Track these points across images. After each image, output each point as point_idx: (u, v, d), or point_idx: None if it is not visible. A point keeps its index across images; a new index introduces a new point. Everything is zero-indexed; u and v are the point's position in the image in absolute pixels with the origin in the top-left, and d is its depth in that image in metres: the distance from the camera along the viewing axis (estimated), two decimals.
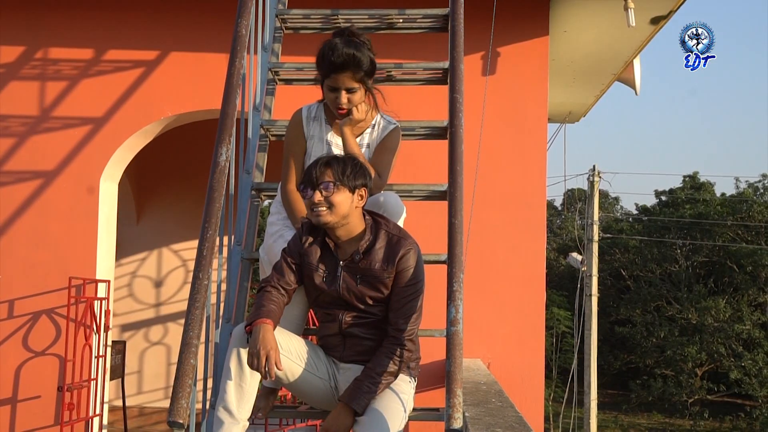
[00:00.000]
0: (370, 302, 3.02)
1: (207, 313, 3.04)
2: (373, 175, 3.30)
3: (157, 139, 6.54)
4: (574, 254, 20.31)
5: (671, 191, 34.85)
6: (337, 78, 3.38)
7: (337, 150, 3.51)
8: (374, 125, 3.59)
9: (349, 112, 3.45)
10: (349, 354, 3.08)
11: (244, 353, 2.86)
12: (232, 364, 2.88)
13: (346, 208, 2.99)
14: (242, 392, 2.89)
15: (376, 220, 3.08)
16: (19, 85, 6.11)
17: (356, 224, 3.03)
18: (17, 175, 6.05)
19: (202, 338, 2.98)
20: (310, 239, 3.08)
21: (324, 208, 2.96)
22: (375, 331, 3.05)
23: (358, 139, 3.55)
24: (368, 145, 3.56)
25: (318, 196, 2.96)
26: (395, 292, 2.99)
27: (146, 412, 8.81)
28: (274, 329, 2.87)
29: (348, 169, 3.00)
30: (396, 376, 2.98)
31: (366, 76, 3.42)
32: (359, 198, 3.03)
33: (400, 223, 3.44)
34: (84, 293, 5.85)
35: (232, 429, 2.87)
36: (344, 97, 3.41)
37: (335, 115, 3.50)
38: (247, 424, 2.94)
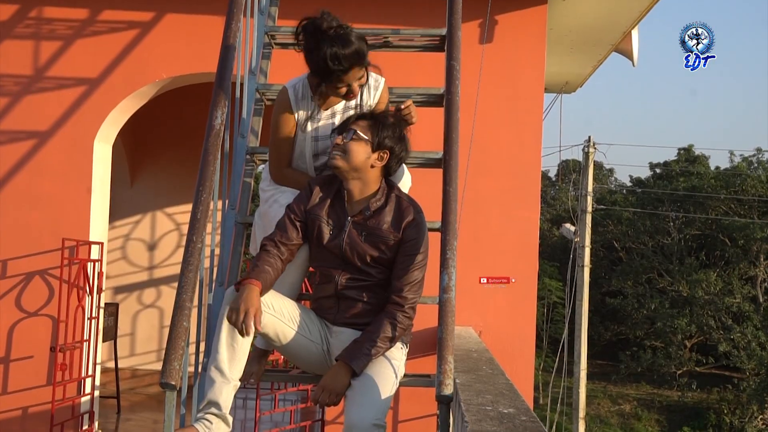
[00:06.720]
0: (369, 261, 3.04)
1: (200, 277, 3.05)
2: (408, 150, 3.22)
3: (152, 102, 6.51)
4: (567, 225, 20.31)
5: (666, 164, 34.86)
6: (348, 77, 3.27)
7: (322, 128, 3.45)
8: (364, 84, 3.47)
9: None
10: (342, 317, 3.10)
11: None
12: (224, 325, 2.89)
13: (359, 160, 3.04)
14: (234, 352, 2.90)
15: (390, 185, 3.15)
16: (13, 44, 6.05)
17: (371, 183, 3.09)
18: (11, 135, 6.01)
19: (195, 301, 2.99)
20: (321, 193, 3.13)
21: (339, 152, 3.05)
22: (370, 294, 3.07)
23: (351, 102, 3.47)
24: (362, 105, 3.48)
25: (339, 140, 3.07)
26: (399, 260, 3.03)
27: (138, 374, 8.86)
28: (263, 293, 2.89)
29: (380, 127, 3.06)
30: (394, 343, 2.99)
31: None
32: (378, 158, 3.07)
33: (405, 191, 3.44)
34: (77, 255, 5.85)
35: (224, 388, 2.89)
36: (356, 87, 3.32)
37: (344, 98, 3.41)
38: (239, 383, 2.96)
